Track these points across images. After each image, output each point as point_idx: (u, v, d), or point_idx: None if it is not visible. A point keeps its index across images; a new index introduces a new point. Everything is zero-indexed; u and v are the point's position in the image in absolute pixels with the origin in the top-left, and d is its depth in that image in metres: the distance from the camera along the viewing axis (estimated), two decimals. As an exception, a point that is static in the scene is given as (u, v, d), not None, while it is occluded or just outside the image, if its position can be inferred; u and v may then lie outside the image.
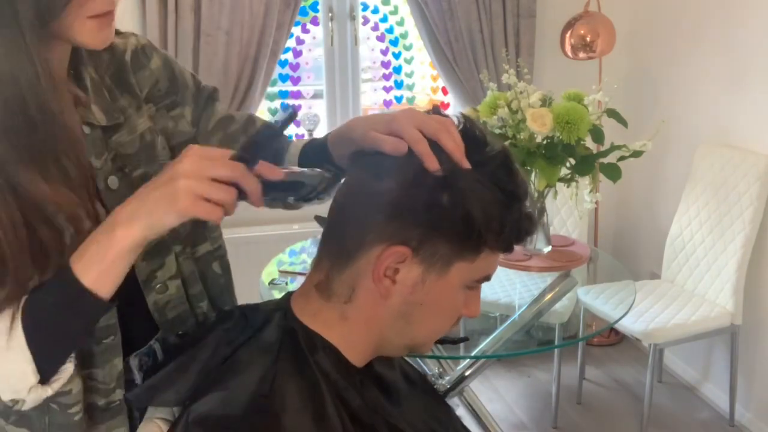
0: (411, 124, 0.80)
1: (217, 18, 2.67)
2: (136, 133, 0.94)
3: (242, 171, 0.72)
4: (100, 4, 0.80)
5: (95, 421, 0.89)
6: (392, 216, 0.78)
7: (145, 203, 0.72)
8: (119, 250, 0.72)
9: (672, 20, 3.02)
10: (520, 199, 0.81)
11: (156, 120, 0.99)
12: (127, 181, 0.91)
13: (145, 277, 0.93)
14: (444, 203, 0.77)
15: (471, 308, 0.86)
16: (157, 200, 0.71)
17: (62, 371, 0.78)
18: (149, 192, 0.72)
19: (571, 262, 2.15)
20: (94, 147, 0.88)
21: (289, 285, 2.19)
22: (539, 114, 1.88)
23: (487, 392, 2.93)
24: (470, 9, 2.92)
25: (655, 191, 3.19)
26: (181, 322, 0.99)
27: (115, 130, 0.92)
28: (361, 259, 0.80)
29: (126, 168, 0.91)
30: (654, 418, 2.66)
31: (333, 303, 0.82)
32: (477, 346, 1.91)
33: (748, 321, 2.59)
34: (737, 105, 2.68)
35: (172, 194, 0.70)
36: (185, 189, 0.69)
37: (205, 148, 0.74)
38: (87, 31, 0.80)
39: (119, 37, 0.98)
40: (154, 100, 1.00)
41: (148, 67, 0.99)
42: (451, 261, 0.79)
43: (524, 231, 0.82)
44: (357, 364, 0.84)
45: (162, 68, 1.01)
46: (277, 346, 0.81)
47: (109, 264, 0.72)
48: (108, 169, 0.89)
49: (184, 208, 0.70)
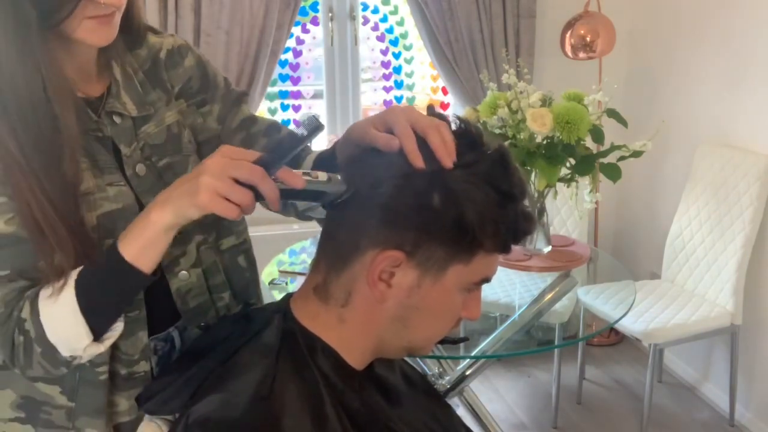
0: (404, 120, 0.81)
1: (217, 18, 2.67)
2: (164, 125, 0.99)
3: (261, 175, 0.75)
4: (99, 8, 0.83)
5: (118, 387, 0.94)
6: (385, 220, 0.77)
7: (175, 192, 0.78)
8: (155, 230, 0.79)
9: (672, 20, 3.02)
10: (516, 199, 0.79)
11: (186, 115, 1.04)
12: (153, 169, 0.97)
13: (168, 262, 0.97)
14: (435, 206, 0.76)
15: (470, 311, 0.85)
16: (183, 192, 0.77)
17: (114, 329, 0.86)
18: (182, 183, 0.78)
19: (571, 262, 2.15)
20: (125, 135, 0.94)
21: (289, 285, 2.19)
22: (539, 114, 1.88)
23: (487, 392, 2.93)
24: (470, 9, 2.92)
25: (655, 191, 3.19)
26: (203, 312, 1.01)
27: (145, 121, 0.97)
28: (356, 263, 0.79)
29: (153, 157, 0.97)
30: (654, 418, 2.66)
31: (331, 306, 0.82)
32: (477, 346, 1.91)
33: (748, 321, 2.59)
34: (737, 105, 2.68)
35: (195, 188, 0.75)
36: (206, 185, 0.75)
37: (234, 149, 0.78)
38: (84, 29, 0.84)
39: (157, 36, 1.04)
40: (185, 96, 1.05)
41: (182, 66, 1.05)
42: (446, 264, 0.78)
43: (521, 231, 0.81)
44: (356, 367, 0.84)
45: (195, 67, 1.06)
46: (276, 348, 0.81)
47: (146, 241, 0.80)
48: (137, 158, 0.95)
49: (202, 202, 0.75)
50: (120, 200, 0.92)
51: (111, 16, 0.86)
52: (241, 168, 0.75)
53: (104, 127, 0.93)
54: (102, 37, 0.87)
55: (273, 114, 3.16)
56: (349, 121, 3.19)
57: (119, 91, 0.95)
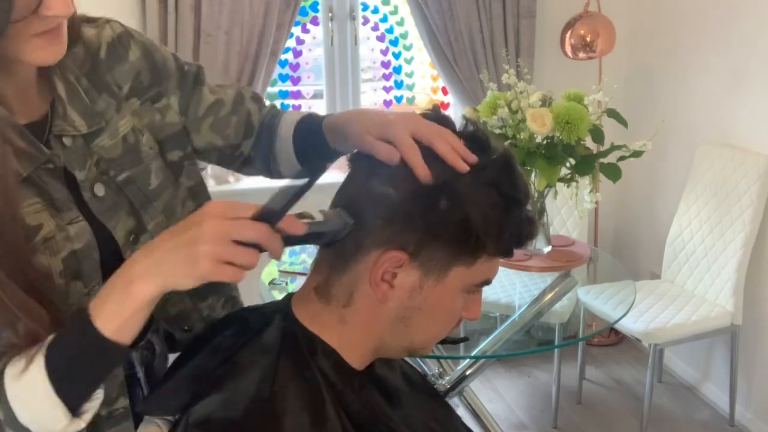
0: (406, 131, 0.79)
1: (217, 18, 2.67)
2: (118, 136, 0.91)
3: (266, 233, 0.69)
4: (44, 23, 0.75)
5: (100, 428, 0.89)
6: (389, 221, 0.77)
7: (164, 261, 0.69)
8: (137, 304, 0.71)
9: (672, 20, 3.02)
10: (521, 204, 0.80)
11: (141, 115, 0.96)
12: (112, 185, 0.90)
13: None
14: (441, 208, 0.76)
15: (471, 312, 0.85)
16: (178, 262, 0.68)
17: (94, 398, 0.77)
18: (170, 250, 0.69)
19: (571, 262, 2.15)
20: (77, 158, 0.86)
21: (289, 285, 2.19)
22: (539, 114, 1.88)
23: (487, 392, 2.93)
24: (470, 9, 2.92)
25: (655, 191, 3.19)
26: (185, 317, 0.99)
27: (97, 134, 0.89)
28: (359, 263, 0.79)
29: (110, 172, 0.90)
30: (654, 418, 2.66)
31: (332, 306, 0.82)
32: (477, 346, 1.91)
33: (748, 321, 2.59)
34: (737, 105, 2.68)
35: (193, 259, 0.67)
36: (207, 254, 0.67)
37: (228, 207, 0.69)
38: (33, 49, 0.76)
39: (92, 26, 0.93)
40: (137, 94, 0.96)
41: (127, 60, 0.95)
42: (449, 266, 0.78)
43: (525, 236, 0.81)
44: (356, 367, 0.84)
45: (142, 59, 0.96)
46: (277, 348, 0.80)
47: (128, 316, 0.71)
48: (93, 177, 0.88)
49: (206, 272, 0.67)
50: (82, 238, 0.85)
51: (59, 29, 0.78)
52: (245, 229, 0.68)
53: (56, 158, 0.84)
54: (54, 54, 0.79)
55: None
56: (349, 121, 3.19)
57: (65, 109, 0.86)
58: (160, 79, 0.98)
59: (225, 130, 1.06)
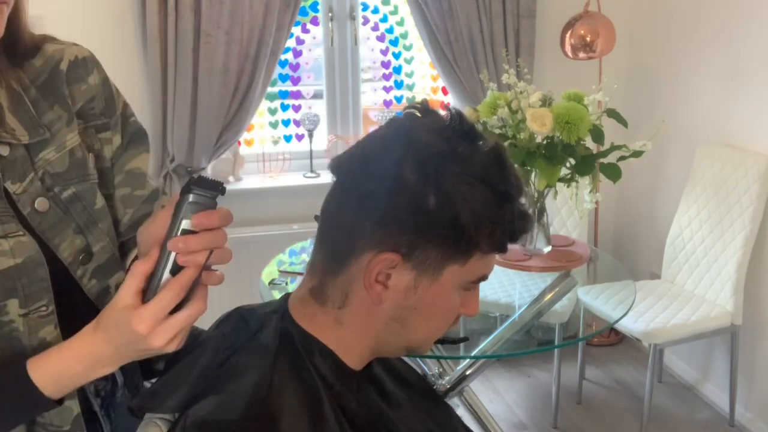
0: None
1: (217, 18, 2.67)
2: (65, 150, 0.87)
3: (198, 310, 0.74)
4: None
5: None
6: (380, 223, 0.76)
7: (117, 356, 0.75)
8: (86, 380, 0.77)
9: (672, 20, 3.02)
10: (513, 198, 0.78)
11: (83, 137, 0.91)
12: (57, 201, 0.85)
13: (96, 296, 0.90)
14: (431, 208, 0.75)
15: (469, 308, 0.85)
16: (131, 355, 0.75)
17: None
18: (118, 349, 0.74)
19: (571, 262, 2.15)
20: (14, 169, 0.81)
21: (289, 285, 2.19)
22: (539, 114, 1.88)
23: (487, 392, 2.93)
24: (470, 9, 2.92)
25: (655, 191, 3.19)
26: None
27: (42, 146, 0.84)
28: (352, 265, 0.79)
29: (56, 188, 0.85)
30: (654, 418, 2.66)
31: (327, 308, 0.82)
32: (477, 346, 1.91)
33: (748, 321, 2.59)
34: (737, 105, 2.68)
35: (145, 350, 0.73)
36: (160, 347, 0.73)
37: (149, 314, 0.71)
38: None
39: (57, 44, 0.91)
40: (85, 117, 0.92)
41: (85, 81, 0.92)
42: (443, 265, 0.78)
43: (518, 230, 0.80)
44: (354, 368, 0.84)
45: (101, 86, 0.94)
46: (274, 349, 0.80)
47: (73, 386, 0.77)
48: (35, 191, 0.83)
49: (160, 349, 0.73)
50: (20, 254, 0.79)
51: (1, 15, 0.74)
52: (185, 320, 0.73)
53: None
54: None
55: (273, 114, 3.17)
56: (349, 121, 3.20)
57: (3, 116, 0.81)
58: (112, 113, 0.95)
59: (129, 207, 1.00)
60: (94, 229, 0.90)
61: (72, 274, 0.87)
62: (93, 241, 0.90)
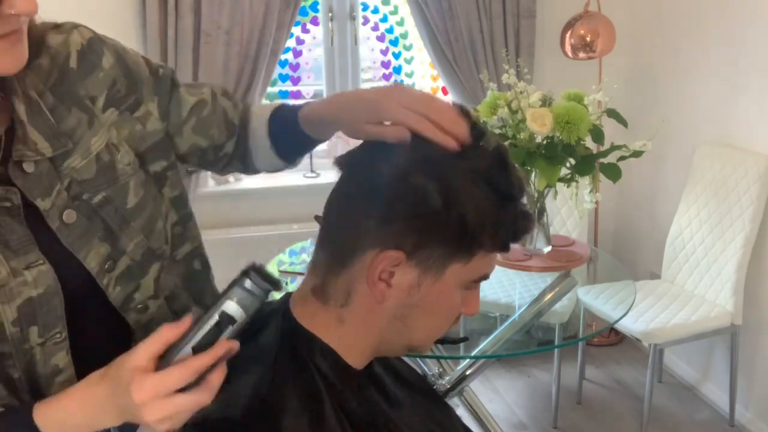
0: (399, 107, 0.76)
1: (217, 18, 2.67)
2: (91, 155, 0.85)
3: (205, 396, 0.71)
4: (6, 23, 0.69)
5: None
6: (385, 221, 0.76)
7: (118, 413, 0.72)
8: (90, 430, 0.75)
9: (672, 20, 3.02)
10: (515, 198, 0.80)
11: (120, 126, 0.89)
12: (86, 208, 0.84)
13: (120, 303, 0.89)
14: (436, 206, 0.75)
15: (470, 307, 0.85)
16: (128, 418, 0.72)
17: None
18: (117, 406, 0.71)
19: (571, 262, 2.15)
20: (40, 185, 0.79)
21: (290, 285, 2.19)
22: (539, 114, 1.88)
23: (487, 392, 2.93)
24: (470, 9, 2.92)
25: (655, 191, 3.19)
26: None
27: (66, 155, 0.82)
28: (355, 263, 0.79)
29: (84, 195, 0.84)
30: (654, 418, 2.66)
31: (330, 306, 0.82)
32: (477, 346, 1.91)
33: (748, 321, 2.59)
34: (737, 105, 2.68)
35: (137, 419, 0.71)
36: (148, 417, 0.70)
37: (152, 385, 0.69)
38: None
39: (58, 33, 0.86)
40: (114, 104, 0.89)
41: (100, 68, 0.87)
42: (446, 263, 0.78)
43: (521, 230, 0.81)
44: (356, 367, 0.84)
45: (116, 65, 0.89)
46: (275, 348, 0.80)
47: None
48: (62, 203, 0.82)
49: (150, 425, 0.71)
50: (41, 284, 0.79)
51: (21, 32, 0.71)
52: (183, 405, 0.70)
53: (13, 195, 0.77)
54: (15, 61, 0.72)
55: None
56: (349, 121, 3.19)
57: (26, 132, 0.78)
58: (136, 85, 0.92)
59: (209, 131, 1.01)
60: (126, 229, 0.89)
61: (99, 283, 0.87)
62: (126, 242, 0.89)
